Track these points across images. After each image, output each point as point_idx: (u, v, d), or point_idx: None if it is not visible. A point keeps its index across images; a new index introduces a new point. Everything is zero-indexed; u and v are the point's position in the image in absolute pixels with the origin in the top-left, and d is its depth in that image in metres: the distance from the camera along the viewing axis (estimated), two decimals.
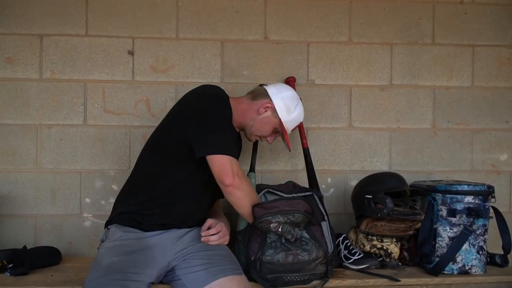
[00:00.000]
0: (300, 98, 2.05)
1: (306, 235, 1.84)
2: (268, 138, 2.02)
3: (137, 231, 1.76)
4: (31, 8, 2.25)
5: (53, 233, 2.27)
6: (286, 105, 1.96)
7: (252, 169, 2.20)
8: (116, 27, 2.29)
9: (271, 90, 1.98)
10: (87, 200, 2.29)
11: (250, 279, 1.77)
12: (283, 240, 1.81)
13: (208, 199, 1.88)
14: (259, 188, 2.06)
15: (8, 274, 1.87)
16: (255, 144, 2.22)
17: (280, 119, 1.95)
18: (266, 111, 1.94)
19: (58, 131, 2.28)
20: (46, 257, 2.06)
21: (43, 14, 2.26)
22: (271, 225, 1.77)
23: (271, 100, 1.95)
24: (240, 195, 1.75)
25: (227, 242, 1.85)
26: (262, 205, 1.80)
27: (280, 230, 1.77)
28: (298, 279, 1.81)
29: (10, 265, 1.91)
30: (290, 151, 2.10)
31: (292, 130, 2.06)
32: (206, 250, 1.76)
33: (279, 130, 1.99)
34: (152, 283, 1.68)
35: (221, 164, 1.70)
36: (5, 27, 2.24)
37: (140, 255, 1.68)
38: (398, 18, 2.43)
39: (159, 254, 1.72)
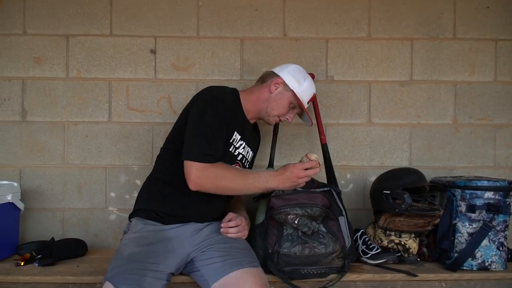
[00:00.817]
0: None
1: (323, 229, 1.86)
2: (287, 116, 2.02)
3: (156, 224, 1.82)
4: (58, 10, 2.34)
5: (80, 226, 2.35)
6: (295, 77, 1.99)
7: (270, 164, 2.22)
8: (139, 27, 2.36)
9: (276, 69, 2.04)
10: (112, 194, 2.37)
11: (268, 271, 1.79)
12: (299, 233, 1.83)
13: (223, 197, 1.89)
14: None
15: (37, 265, 1.95)
16: (274, 140, 2.24)
17: (292, 91, 1.97)
18: (277, 87, 1.97)
19: (84, 128, 2.36)
20: (73, 249, 2.14)
21: (69, 15, 2.34)
22: (289, 217, 1.80)
23: (279, 76, 1.98)
24: (210, 190, 1.77)
25: (245, 237, 1.88)
26: (281, 196, 1.84)
27: (296, 222, 1.80)
28: (315, 272, 1.83)
29: (39, 256, 2.00)
30: (312, 124, 2.11)
31: (308, 103, 2.05)
32: (224, 243, 1.79)
33: (295, 104, 2.00)
34: (173, 274, 1.72)
35: (185, 169, 1.74)
36: (33, 28, 2.34)
37: (159, 247, 1.72)
38: (418, 13, 2.42)
39: (178, 246, 1.76)
